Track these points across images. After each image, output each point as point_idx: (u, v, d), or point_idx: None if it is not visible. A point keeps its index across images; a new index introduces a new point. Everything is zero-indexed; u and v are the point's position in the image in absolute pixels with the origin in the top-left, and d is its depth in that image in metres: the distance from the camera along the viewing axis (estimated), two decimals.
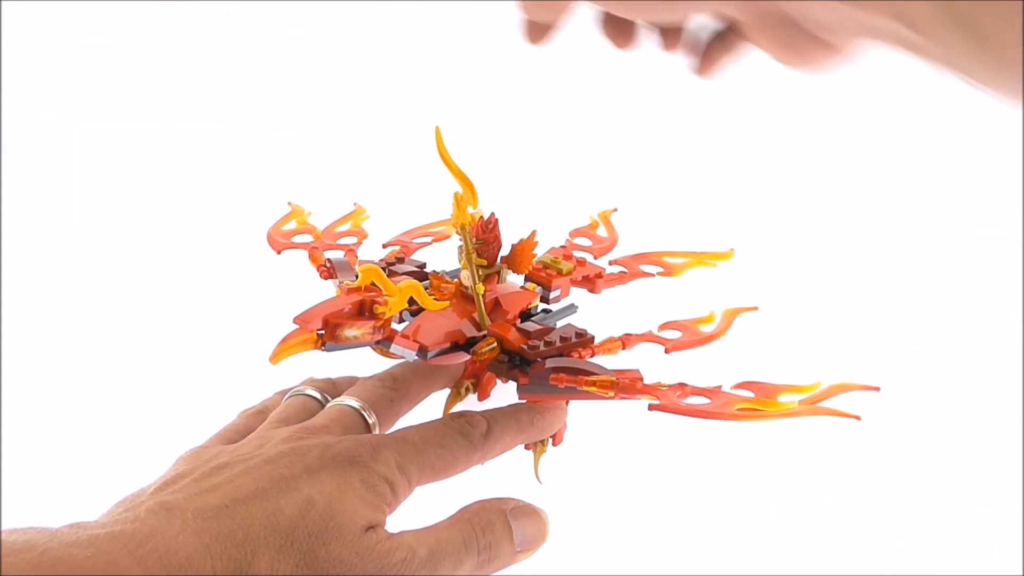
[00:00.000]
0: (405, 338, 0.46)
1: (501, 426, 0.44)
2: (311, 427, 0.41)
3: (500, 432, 0.44)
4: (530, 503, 0.42)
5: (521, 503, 0.42)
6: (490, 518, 0.40)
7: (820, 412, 0.43)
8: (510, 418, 0.45)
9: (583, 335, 0.48)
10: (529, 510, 0.42)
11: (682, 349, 0.51)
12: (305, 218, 0.59)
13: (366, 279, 0.43)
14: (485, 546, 0.40)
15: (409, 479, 0.40)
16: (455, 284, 0.50)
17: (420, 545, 0.38)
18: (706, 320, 0.54)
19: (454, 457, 0.42)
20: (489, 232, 0.47)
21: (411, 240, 0.58)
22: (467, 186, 0.46)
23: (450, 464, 0.42)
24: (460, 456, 0.42)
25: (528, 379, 0.45)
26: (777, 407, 0.43)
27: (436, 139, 0.44)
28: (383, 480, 0.39)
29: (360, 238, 0.57)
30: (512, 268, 0.49)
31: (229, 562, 0.34)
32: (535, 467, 0.47)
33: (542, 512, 0.42)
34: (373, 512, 0.38)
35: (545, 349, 0.47)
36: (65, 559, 0.31)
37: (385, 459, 0.39)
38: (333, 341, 0.43)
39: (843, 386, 0.45)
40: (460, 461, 0.42)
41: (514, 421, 0.45)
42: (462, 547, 0.39)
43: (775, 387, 0.45)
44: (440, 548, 0.38)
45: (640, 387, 0.44)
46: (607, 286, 0.55)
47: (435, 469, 0.41)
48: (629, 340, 0.50)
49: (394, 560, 0.37)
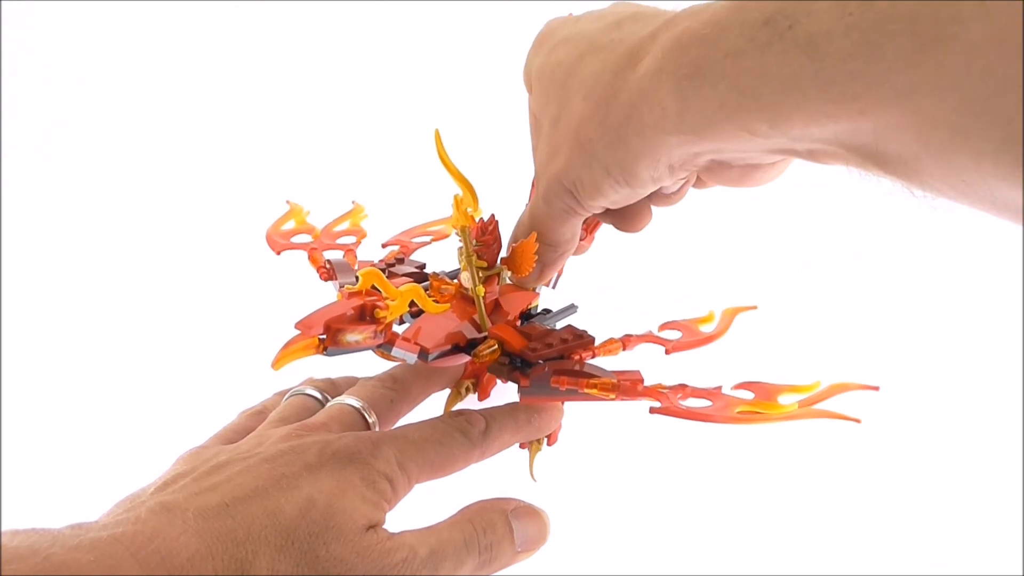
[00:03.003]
0: (406, 341, 0.46)
1: (499, 424, 0.44)
2: (310, 425, 0.41)
3: (499, 430, 0.44)
4: (531, 504, 0.42)
5: (522, 503, 0.42)
6: (491, 518, 0.40)
7: (820, 415, 0.43)
8: (508, 416, 0.45)
9: (583, 336, 0.48)
10: (530, 511, 0.42)
11: (682, 349, 0.51)
12: (304, 217, 0.59)
13: (367, 283, 0.43)
14: (486, 546, 0.40)
15: (409, 476, 0.40)
16: (455, 286, 0.49)
17: (421, 545, 0.38)
18: (706, 320, 0.54)
19: (453, 454, 0.42)
20: (489, 234, 0.47)
21: (410, 240, 0.58)
22: (467, 189, 0.46)
23: (449, 461, 0.42)
24: (459, 453, 0.42)
25: (529, 381, 0.45)
26: (777, 410, 0.43)
27: (436, 143, 0.44)
28: (383, 477, 0.39)
29: (359, 237, 0.57)
30: (512, 270, 0.49)
31: (230, 562, 0.34)
32: (530, 466, 0.47)
33: (543, 512, 0.42)
34: (373, 510, 0.38)
35: (546, 351, 0.47)
36: (68, 563, 0.31)
37: (385, 456, 0.39)
38: (335, 346, 0.42)
39: (843, 385, 0.45)
40: (459, 458, 0.42)
41: (512, 419, 0.45)
42: (463, 547, 0.39)
43: (775, 387, 0.45)
44: (441, 548, 0.38)
45: (641, 389, 0.44)
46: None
47: (434, 466, 0.41)
48: (629, 341, 0.50)
49: (395, 560, 0.37)
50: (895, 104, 0.29)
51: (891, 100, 0.29)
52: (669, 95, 0.35)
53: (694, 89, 0.34)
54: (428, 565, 0.37)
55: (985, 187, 0.30)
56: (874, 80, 0.29)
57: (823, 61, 0.30)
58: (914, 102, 0.29)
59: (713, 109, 0.34)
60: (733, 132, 0.34)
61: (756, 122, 0.33)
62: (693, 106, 0.35)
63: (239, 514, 0.35)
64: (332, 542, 0.36)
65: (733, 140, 0.35)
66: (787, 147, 0.35)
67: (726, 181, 0.43)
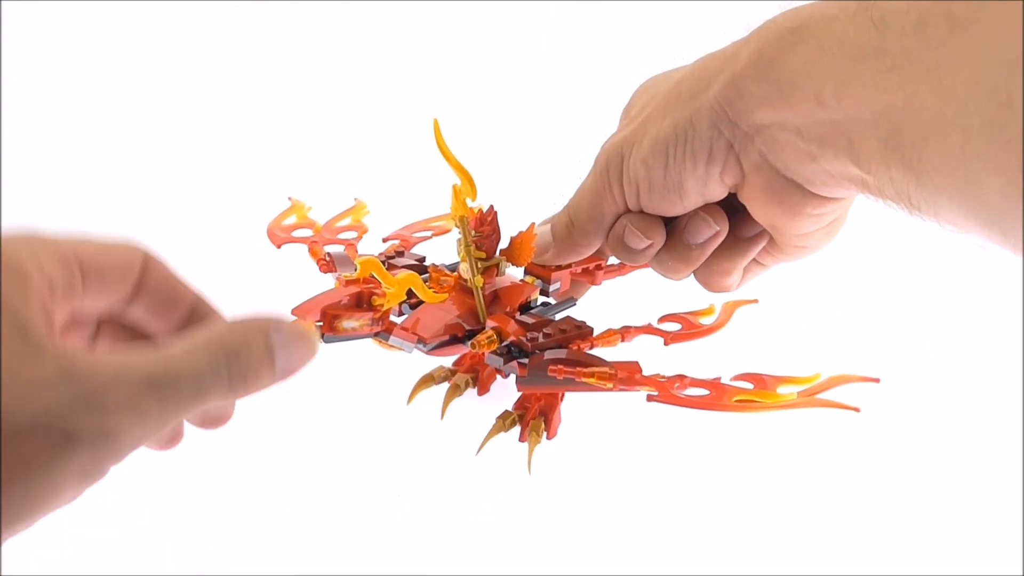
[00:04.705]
0: (404, 330, 0.46)
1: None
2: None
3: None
4: (299, 323, 0.34)
5: (287, 323, 0.33)
6: (248, 340, 0.32)
7: (818, 404, 0.43)
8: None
9: (582, 327, 0.48)
10: (297, 332, 0.33)
11: (681, 341, 0.51)
12: (305, 213, 0.59)
13: (365, 271, 0.43)
14: (239, 373, 0.32)
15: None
16: (454, 277, 0.50)
17: (137, 366, 0.29)
18: (706, 312, 0.54)
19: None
20: (488, 225, 0.47)
21: (411, 234, 0.58)
22: (466, 179, 0.46)
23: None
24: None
25: (527, 371, 0.45)
26: (775, 399, 0.43)
27: (434, 132, 0.44)
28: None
29: (360, 233, 0.57)
30: (511, 261, 0.49)
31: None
32: (528, 459, 0.47)
33: (312, 334, 0.34)
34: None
35: (544, 341, 0.47)
36: None
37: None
38: (332, 332, 0.42)
39: (843, 377, 0.45)
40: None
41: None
42: (207, 373, 0.31)
43: (774, 379, 0.45)
44: (173, 373, 0.30)
45: (638, 379, 0.43)
46: (608, 277, 0.55)
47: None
48: (628, 332, 0.50)
49: (95, 383, 0.28)
50: (924, 80, 0.32)
51: (922, 75, 0.32)
52: (768, 45, 0.38)
53: (791, 43, 0.37)
54: (148, 392, 0.29)
55: (969, 171, 0.32)
56: (915, 56, 0.33)
57: (886, 34, 0.34)
58: (937, 78, 0.32)
59: (801, 63, 0.37)
60: (806, 96, 0.37)
61: (826, 84, 0.36)
62: (787, 58, 0.37)
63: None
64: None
65: (802, 106, 0.37)
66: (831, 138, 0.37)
67: (771, 200, 0.42)
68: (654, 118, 0.43)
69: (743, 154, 0.41)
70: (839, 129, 0.36)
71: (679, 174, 0.43)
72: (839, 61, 0.35)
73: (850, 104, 0.35)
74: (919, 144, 0.33)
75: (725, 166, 0.42)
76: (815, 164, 0.39)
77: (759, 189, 0.42)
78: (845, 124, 0.36)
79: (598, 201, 0.46)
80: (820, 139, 0.37)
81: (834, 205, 0.42)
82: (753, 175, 0.41)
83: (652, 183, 0.44)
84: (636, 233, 0.46)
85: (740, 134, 0.40)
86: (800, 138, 0.38)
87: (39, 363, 0.27)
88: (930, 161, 0.33)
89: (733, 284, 0.48)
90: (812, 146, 0.38)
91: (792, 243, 0.45)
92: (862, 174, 0.37)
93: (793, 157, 0.39)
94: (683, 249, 0.46)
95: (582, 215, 0.47)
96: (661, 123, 0.43)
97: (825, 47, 0.36)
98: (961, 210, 0.33)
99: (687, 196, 0.44)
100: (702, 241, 0.46)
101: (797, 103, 0.37)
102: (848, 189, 0.39)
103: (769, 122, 0.39)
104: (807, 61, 0.37)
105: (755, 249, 0.47)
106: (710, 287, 0.48)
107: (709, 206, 0.45)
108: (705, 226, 0.45)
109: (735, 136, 0.41)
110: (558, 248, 0.48)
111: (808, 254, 0.46)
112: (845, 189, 0.39)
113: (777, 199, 0.42)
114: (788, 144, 0.39)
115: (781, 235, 0.44)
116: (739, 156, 0.41)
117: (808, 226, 0.43)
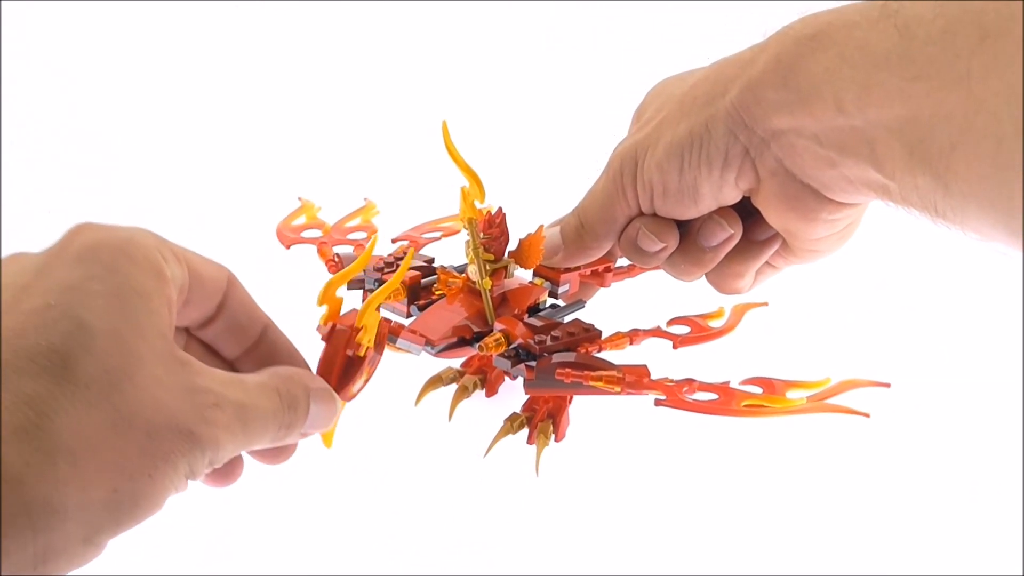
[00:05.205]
0: (412, 333, 0.46)
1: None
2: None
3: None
4: (329, 387, 0.35)
5: (324, 385, 0.35)
6: (296, 395, 0.34)
7: (828, 409, 0.43)
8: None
9: (590, 330, 0.48)
10: (330, 395, 0.35)
11: (690, 344, 0.50)
12: (315, 213, 0.59)
13: (325, 298, 0.37)
14: (286, 424, 0.33)
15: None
16: (463, 279, 0.49)
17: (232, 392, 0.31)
18: (715, 315, 0.53)
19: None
20: (496, 227, 0.47)
21: (420, 235, 0.58)
22: (474, 180, 0.46)
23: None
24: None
25: (534, 374, 0.45)
26: (784, 403, 0.43)
27: (443, 134, 0.44)
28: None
29: (370, 233, 0.57)
30: (519, 263, 0.49)
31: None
32: (536, 461, 0.47)
33: (338, 399, 0.36)
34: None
35: (552, 344, 0.46)
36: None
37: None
38: (349, 399, 0.39)
39: (853, 382, 0.45)
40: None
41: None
42: (270, 417, 0.32)
43: (784, 383, 0.44)
44: (251, 408, 0.31)
45: (646, 383, 0.43)
46: (617, 279, 0.54)
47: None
48: (637, 335, 0.50)
49: (206, 399, 0.30)
50: (953, 88, 0.32)
51: (951, 84, 0.32)
52: (787, 51, 0.38)
53: (810, 50, 0.37)
54: (236, 422, 0.30)
55: (1001, 181, 0.31)
56: (944, 64, 0.32)
57: (911, 42, 0.33)
58: (967, 87, 0.32)
59: (820, 70, 0.36)
60: (826, 103, 0.37)
61: (847, 91, 0.36)
62: (806, 64, 0.37)
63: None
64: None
65: (822, 113, 0.37)
66: (852, 145, 0.37)
67: (787, 205, 0.42)
68: (669, 122, 0.43)
69: (759, 159, 0.41)
70: (860, 136, 0.36)
71: (694, 179, 0.43)
72: (860, 68, 0.35)
73: (873, 111, 0.35)
74: (947, 152, 0.33)
75: (740, 171, 0.42)
76: (834, 170, 0.38)
77: (774, 194, 0.42)
78: (867, 131, 0.36)
79: (610, 204, 0.46)
80: (840, 145, 0.37)
81: (849, 210, 0.42)
82: (768, 180, 0.41)
83: (667, 187, 0.43)
84: (650, 236, 0.45)
85: (756, 140, 0.40)
86: (818, 144, 0.38)
87: (174, 367, 0.29)
88: (959, 170, 0.33)
89: (745, 286, 0.48)
90: (831, 152, 0.38)
91: (805, 247, 0.45)
92: (884, 180, 0.36)
93: (811, 163, 0.39)
94: (696, 252, 0.46)
95: (593, 217, 0.47)
96: (676, 127, 0.43)
97: (846, 54, 0.36)
98: (989, 219, 0.33)
99: (701, 200, 0.43)
100: (716, 244, 0.45)
101: (816, 110, 0.37)
102: (866, 195, 0.39)
103: (786, 128, 0.39)
104: (827, 68, 0.36)
105: (768, 252, 0.46)
106: (722, 289, 0.48)
107: (723, 209, 0.45)
108: (719, 229, 0.45)
109: (751, 141, 0.41)
110: (568, 251, 0.48)
111: (821, 257, 0.46)
112: (863, 195, 0.39)
113: (792, 204, 0.41)
114: (806, 150, 0.39)
115: (795, 239, 0.44)
116: (755, 161, 0.41)
117: (823, 231, 0.43)
